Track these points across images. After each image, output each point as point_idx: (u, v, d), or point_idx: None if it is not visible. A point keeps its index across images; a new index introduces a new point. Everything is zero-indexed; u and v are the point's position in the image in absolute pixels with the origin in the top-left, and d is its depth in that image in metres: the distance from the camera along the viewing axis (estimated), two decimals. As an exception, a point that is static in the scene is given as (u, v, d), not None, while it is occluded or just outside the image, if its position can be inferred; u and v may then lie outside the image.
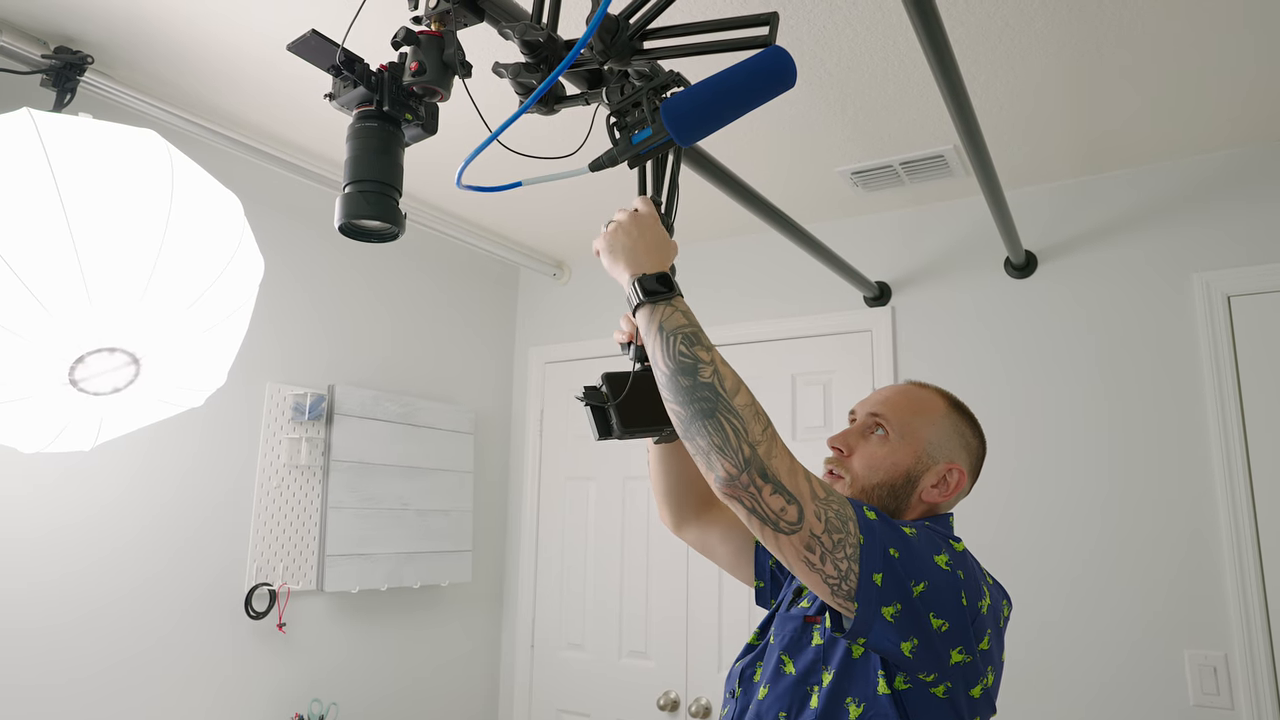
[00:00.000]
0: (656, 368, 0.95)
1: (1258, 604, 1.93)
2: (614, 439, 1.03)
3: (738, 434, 0.90)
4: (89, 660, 1.83)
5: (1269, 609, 1.93)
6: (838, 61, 1.77)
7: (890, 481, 1.12)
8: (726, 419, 0.91)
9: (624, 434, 1.02)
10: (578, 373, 3.06)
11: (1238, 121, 2.02)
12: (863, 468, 1.13)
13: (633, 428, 1.03)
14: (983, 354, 2.38)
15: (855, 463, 1.14)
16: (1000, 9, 1.59)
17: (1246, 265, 2.09)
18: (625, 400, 1.01)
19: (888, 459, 1.13)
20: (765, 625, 1.20)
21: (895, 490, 1.12)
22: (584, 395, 1.02)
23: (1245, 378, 2.05)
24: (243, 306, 1.56)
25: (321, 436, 2.36)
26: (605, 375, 1.04)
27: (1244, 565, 1.96)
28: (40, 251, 1.26)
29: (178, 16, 1.65)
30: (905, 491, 1.12)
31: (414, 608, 2.64)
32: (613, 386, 1.02)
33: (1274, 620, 1.93)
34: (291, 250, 2.35)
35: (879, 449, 1.14)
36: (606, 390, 1.02)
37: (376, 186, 0.97)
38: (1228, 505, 2.00)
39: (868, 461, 1.13)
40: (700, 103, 0.80)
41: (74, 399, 1.38)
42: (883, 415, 1.15)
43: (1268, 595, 1.94)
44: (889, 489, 1.12)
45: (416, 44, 0.97)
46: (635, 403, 1.02)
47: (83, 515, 1.85)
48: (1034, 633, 2.16)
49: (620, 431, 1.02)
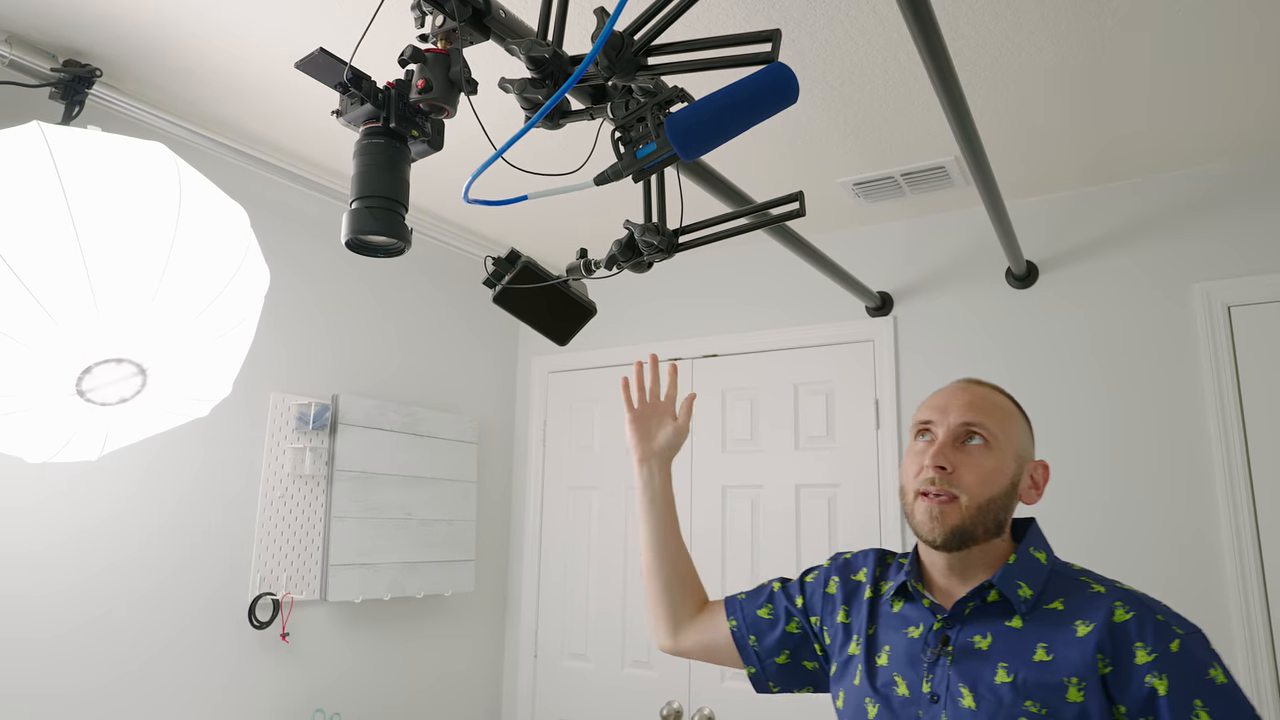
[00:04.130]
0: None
1: (1260, 612, 1.93)
2: (492, 294, 1.16)
3: None
4: (92, 670, 1.84)
5: (1270, 618, 1.93)
6: (839, 74, 1.78)
7: (1004, 492, 1.05)
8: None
9: (497, 299, 1.15)
10: (581, 382, 3.07)
11: (1237, 134, 2.03)
12: (977, 482, 1.04)
13: (504, 304, 1.16)
14: (985, 364, 2.39)
15: (967, 478, 1.04)
16: (999, 23, 1.60)
17: (1246, 275, 2.10)
18: (516, 282, 1.13)
19: (997, 469, 1.05)
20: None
21: (1007, 499, 1.06)
22: (504, 256, 1.14)
23: (1246, 386, 2.05)
24: (249, 317, 1.57)
25: (325, 446, 2.37)
26: (528, 261, 1.15)
27: (1246, 575, 1.96)
28: (49, 263, 1.27)
29: (184, 30, 1.67)
30: (1013, 498, 1.07)
31: (417, 617, 2.64)
32: (522, 274, 1.14)
33: (1275, 625, 1.93)
34: (296, 260, 2.36)
35: (986, 460, 1.05)
36: (517, 271, 1.14)
37: (383, 202, 0.98)
38: (1229, 512, 2.00)
39: (981, 475, 1.04)
40: (703, 118, 0.81)
41: (81, 409, 1.39)
42: (977, 423, 1.06)
43: (1269, 601, 1.94)
44: (1003, 500, 1.05)
45: (423, 62, 0.98)
46: (524, 295, 1.15)
47: (87, 524, 1.85)
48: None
49: (495, 296, 1.15)
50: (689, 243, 1.14)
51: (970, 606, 1.04)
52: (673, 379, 1.38)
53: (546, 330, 1.23)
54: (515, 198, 0.93)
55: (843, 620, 1.18)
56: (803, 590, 1.25)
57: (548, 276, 1.19)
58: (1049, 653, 0.97)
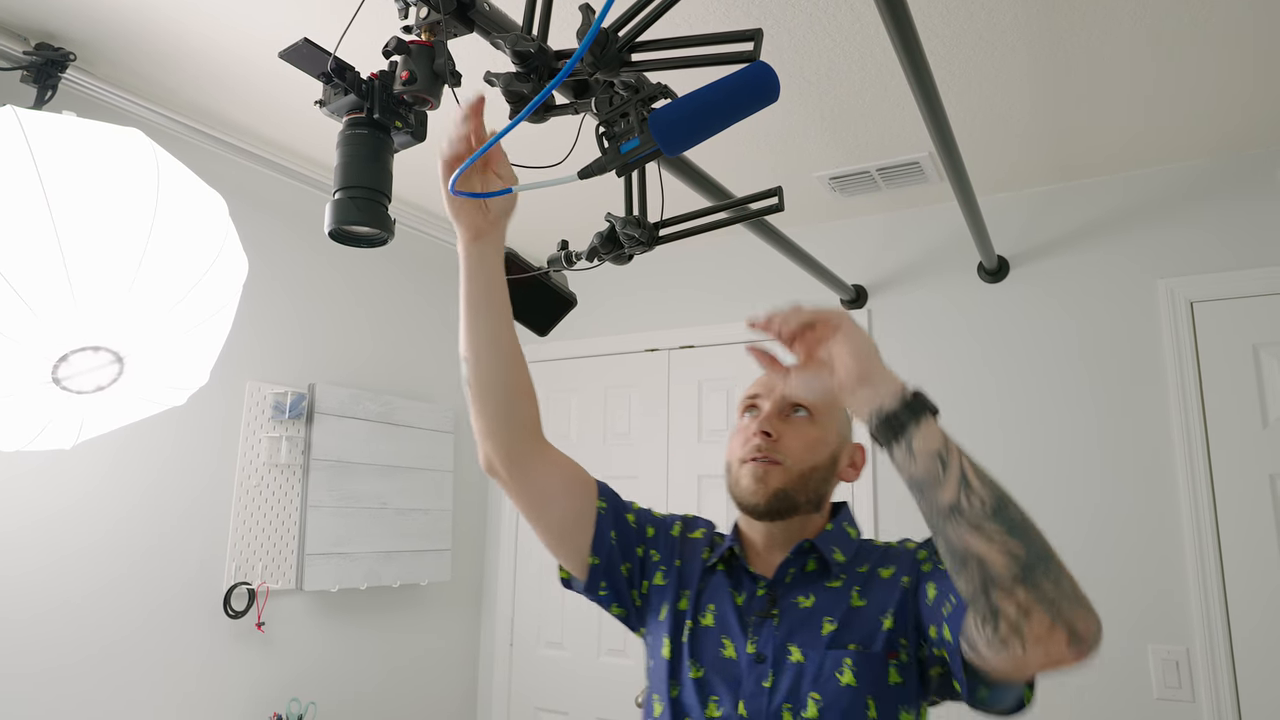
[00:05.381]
0: (969, 495, 0.79)
1: (1218, 601, 2.00)
2: None
3: (1075, 584, 0.77)
4: (62, 655, 1.82)
5: (1228, 606, 2.00)
6: (816, 70, 1.80)
7: (825, 464, 1.10)
8: (1064, 568, 0.77)
9: None
10: (557, 373, 3.08)
11: (1201, 135, 2.08)
12: (802, 450, 1.08)
13: None
14: (956, 356, 2.43)
15: (792, 444, 1.08)
16: (974, 23, 1.63)
17: (1209, 272, 2.16)
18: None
19: (820, 439, 1.10)
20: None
21: (827, 473, 1.11)
22: None
23: (1207, 380, 2.11)
24: (227, 305, 1.57)
25: (301, 435, 2.36)
26: (509, 252, 1.10)
27: (1205, 564, 2.03)
28: (25, 250, 1.26)
29: (159, 14, 1.65)
30: (833, 473, 1.12)
31: (393, 607, 2.64)
32: (505, 264, 1.07)
33: (1233, 616, 2.00)
34: (272, 249, 2.35)
35: (810, 430, 1.10)
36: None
37: (366, 193, 0.99)
38: (1190, 505, 2.06)
39: (805, 443, 1.09)
40: (686, 115, 0.83)
41: (56, 397, 1.38)
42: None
43: (1227, 592, 2.01)
44: (824, 472, 1.10)
45: (407, 53, 0.99)
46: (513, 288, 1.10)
47: (55, 509, 1.84)
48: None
49: None
50: (669, 235, 1.16)
51: (791, 573, 1.08)
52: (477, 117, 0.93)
53: (528, 321, 1.24)
54: (501, 190, 0.94)
55: (679, 565, 1.16)
56: (652, 521, 1.22)
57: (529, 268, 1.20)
58: (863, 597, 1.04)
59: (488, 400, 1.04)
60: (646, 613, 1.17)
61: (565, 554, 1.16)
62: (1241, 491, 2.03)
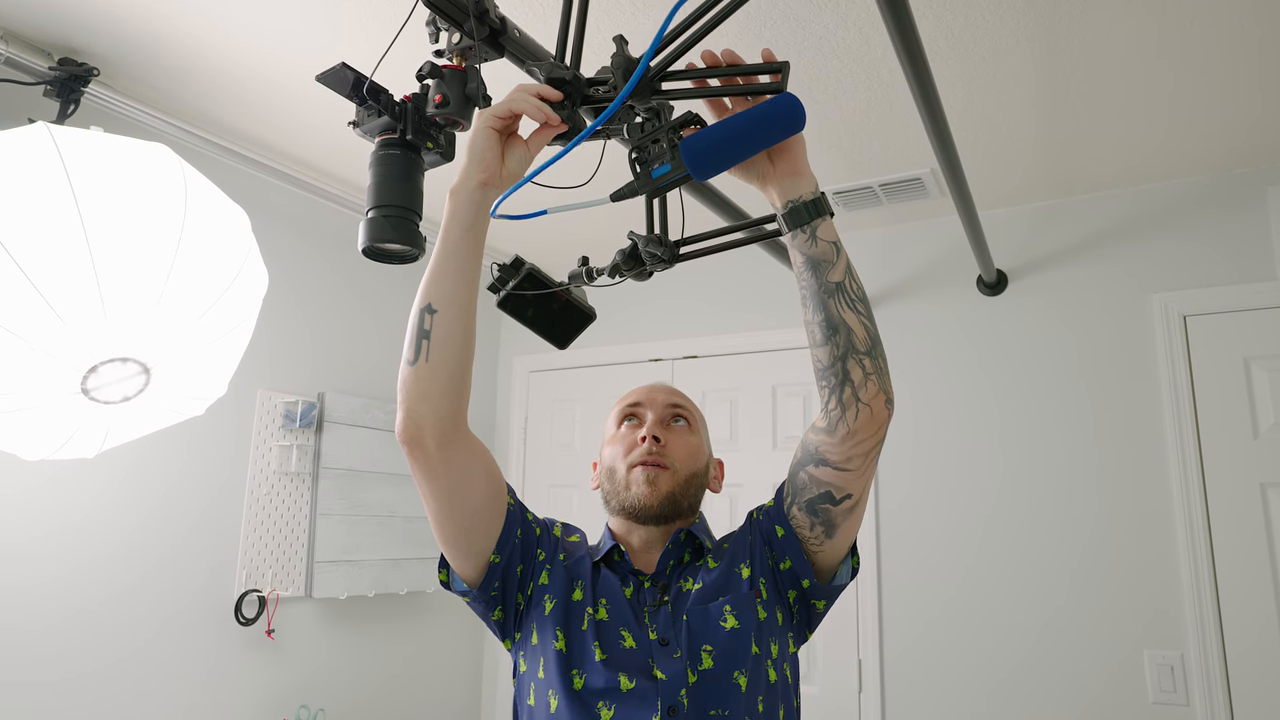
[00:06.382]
0: (851, 279, 0.98)
1: (1211, 607, 2.05)
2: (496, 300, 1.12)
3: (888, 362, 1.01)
4: (77, 663, 1.84)
5: (1221, 611, 2.05)
6: (825, 89, 1.85)
7: (703, 470, 1.20)
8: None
9: (501, 304, 1.12)
10: (561, 382, 3.11)
11: (1196, 154, 2.14)
12: (686, 456, 1.17)
13: (508, 309, 1.12)
14: (955, 368, 2.48)
15: (677, 451, 1.17)
16: (977, 47, 1.68)
17: (1202, 287, 2.21)
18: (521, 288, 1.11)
19: (699, 447, 1.20)
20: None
21: (704, 479, 1.20)
22: (509, 262, 1.11)
23: (1200, 392, 2.17)
24: (247, 319, 1.60)
25: (311, 444, 2.38)
26: (531, 268, 1.13)
27: (1199, 570, 2.07)
28: (58, 263, 1.29)
29: (179, 30, 1.68)
30: (706, 481, 1.21)
31: (401, 614, 2.67)
32: (527, 280, 1.11)
33: (1226, 622, 2.04)
34: (284, 260, 2.38)
35: (690, 438, 1.20)
36: (521, 279, 1.12)
37: (399, 211, 1.03)
38: (1183, 514, 2.11)
39: (688, 450, 1.18)
40: (716, 142, 0.87)
41: (84, 407, 1.41)
42: (682, 406, 1.22)
43: (1220, 598, 2.05)
44: (702, 478, 1.20)
45: (440, 77, 1.03)
46: (527, 301, 1.14)
47: (71, 519, 1.86)
48: (1005, 634, 2.26)
49: (499, 301, 1.11)
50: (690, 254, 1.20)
51: (671, 564, 1.15)
52: None
53: (548, 335, 1.27)
54: (536, 212, 0.97)
55: (563, 560, 1.15)
56: (539, 521, 1.19)
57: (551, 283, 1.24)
58: (726, 560, 1.15)
59: (447, 357, 0.94)
60: (528, 614, 1.12)
61: (465, 549, 1.04)
62: (1233, 500, 2.08)
